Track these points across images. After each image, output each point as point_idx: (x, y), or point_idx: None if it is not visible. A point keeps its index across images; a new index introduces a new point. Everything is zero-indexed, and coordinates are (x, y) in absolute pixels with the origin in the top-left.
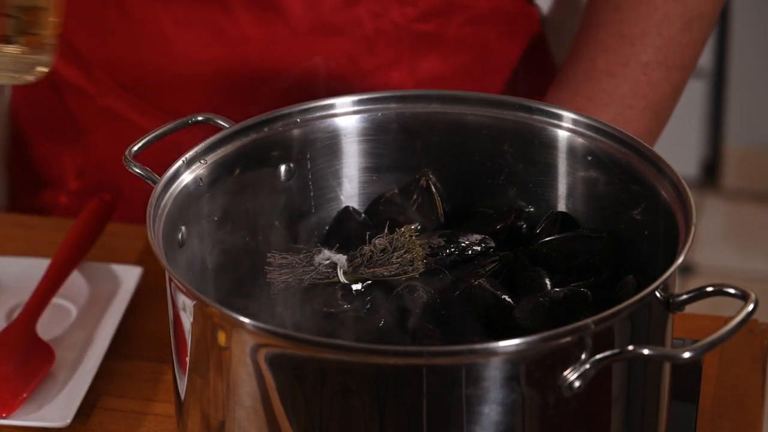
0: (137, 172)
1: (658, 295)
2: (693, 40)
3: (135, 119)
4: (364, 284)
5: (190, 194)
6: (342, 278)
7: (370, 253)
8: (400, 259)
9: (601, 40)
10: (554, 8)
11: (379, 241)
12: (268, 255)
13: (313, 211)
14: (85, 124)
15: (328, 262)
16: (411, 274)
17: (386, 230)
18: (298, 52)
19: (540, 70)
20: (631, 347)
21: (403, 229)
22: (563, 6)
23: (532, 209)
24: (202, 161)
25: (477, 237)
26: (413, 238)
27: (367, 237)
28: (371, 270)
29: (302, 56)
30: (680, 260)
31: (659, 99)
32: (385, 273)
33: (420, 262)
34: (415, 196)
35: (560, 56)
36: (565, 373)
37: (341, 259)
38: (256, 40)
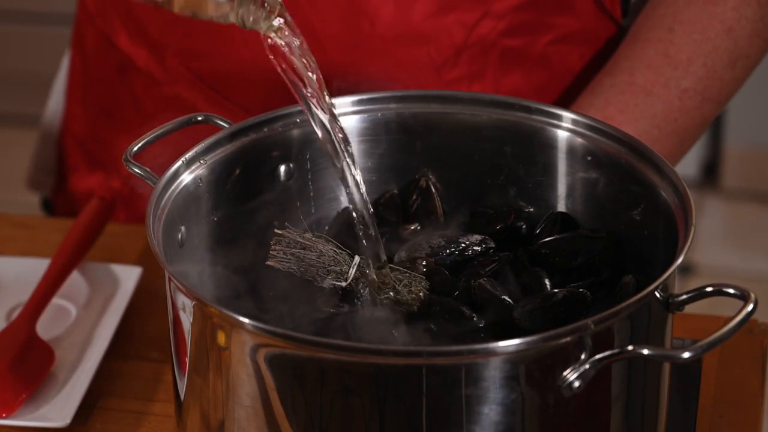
0: (137, 172)
1: (657, 295)
2: (734, 78)
3: (203, 109)
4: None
5: (189, 194)
6: (348, 279)
7: (378, 281)
8: (399, 297)
9: (647, 56)
10: None
11: (394, 275)
12: (276, 231)
13: (312, 211)
14: (149, 109)
15: (337, 266)
16: (405, 306)
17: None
18: (380, 57)
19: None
20: (630, 347)
21: (416, 287)
22: None
23: (531, 209)
24: (201, 161)
25: (477, 237)
26: (421, 296)
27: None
28: (370, 290)
29: (384, 61)
30: (680, 260)
31: (688, 126)
32: (383, 297)
33: (416, 300)
34: (414, 197)
35: None
36: (565, 373)
37: (355, 261)
38: (339, 41)
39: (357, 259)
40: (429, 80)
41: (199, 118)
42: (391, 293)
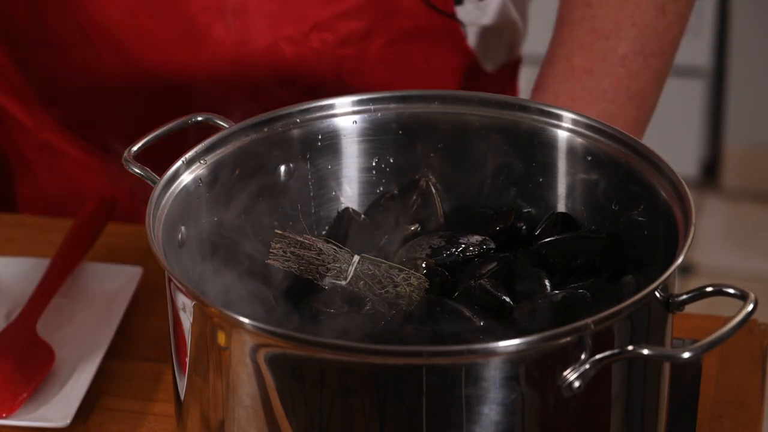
0: (137, 173)
1: (657, 295)
2: (669, 24)
3: (72, 154)
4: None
5: (189, 194)
6: (348, 276)
7: (378, 275)
8: (399, 290)
9: (576, 37)
10: (482, 15)
11: (394, 275)
12: (277, 231)
13: (312, 211)
14: (29, 156)
15: (337, 263)
16: (402, 308)
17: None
18: (218, 78)
19: (472, 81)
20: (630, 347)
21: (415, 281)
22: (491, 12)
23: (531, 210)
24: (201, 161)
25: (477, 238)
26: (421, 288)
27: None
28: (371, 285)
29: (226, 83)
30: (680, 260)
31: (642, 88)
32: (382, 293)
33: (413, 300)
34: (414, 197)
35: (494, 62)
36: (565, 373)
37: (354, 259)
38: (182, 70)
39: (356, 258)
40: (272, 100)
41: (199, 119)
42: (391, 288)
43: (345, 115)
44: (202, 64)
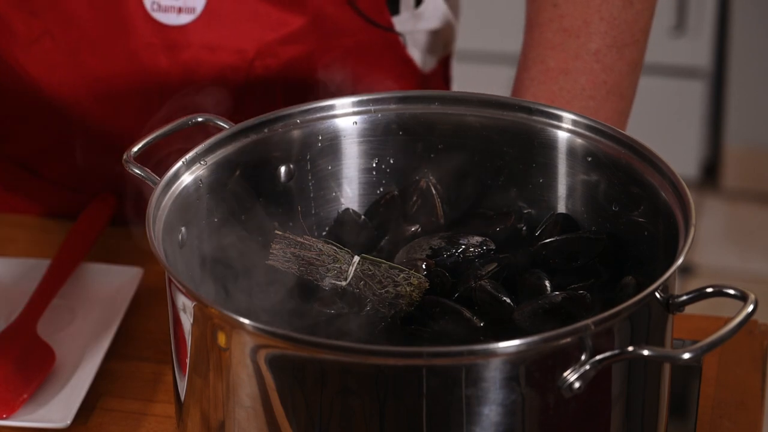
0: (137, 173)
1: (657, 295)
2: (637, 13)
3: (21, 189)
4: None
5: (190, 195)
6: (348, 277)
7: (378, 275)
8: (399, 290)
9: (547, 39)
10: (420, 23)
11: (392, 274)
12: (277, 232)
13: (313, 212)
14: None
15: (337, 263)
16: (402, 308)
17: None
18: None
19: (412, 86)
20: (630, 348)
21: (415, 281)
22: (428, 17)
23: (532, 211)
24: (202, 162)
25: (477, 239)
26: (421, 287)
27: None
28: (371, 285)
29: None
30: (680, 261)
31: (619, 80)
32: (383, 293)
33: (413, 300)
34: (415, 198)
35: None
36: (565, 374)
37: (355, 260)
38: (131, 104)
39: (356, 258)
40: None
41: (199, 119)
42: (391, 288)
43: (345, 116)
44: (153, 96)
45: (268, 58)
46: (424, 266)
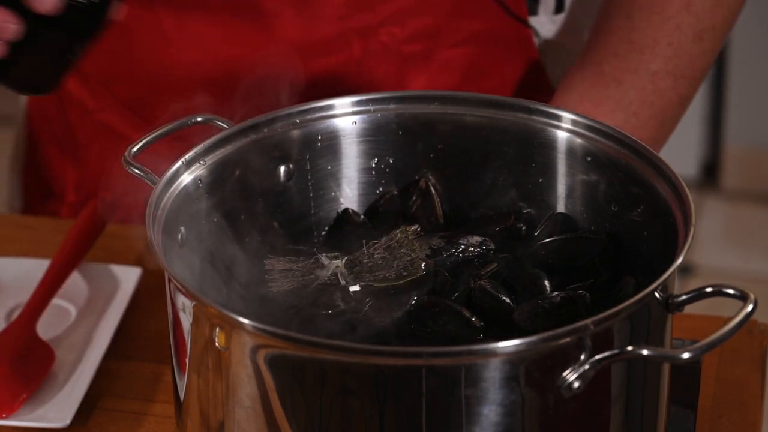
0: (136, 173)
1: (657, 295)
2: (703, 51)
3: (130, 135)
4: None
5: (189, 195)
6: (344, 283)
7: (370, 261)
8: (399, 263)
9: (611, 45)
10: (553, 30)
11: (378, 249)
12: (266, 262)
13: (312, 212)
14: (82, 138)
15: (329, 274)
16: (412, 276)
17: (384, 237)
18: (285, 68)
19: (536, 92)
20: (630, 348)
21: (398, 231)
22: (562, 27)
23: (531, 210)
24: (201, 162)
25: (477, 239)
26: (410, 237)
27: (364, 244)
28: (373, 275)
29: (290, 71)
30: (679, 261)
31: (665, 108)
32: (387, 275)
33: (419, 262)
34: (414, 198)
35: (557, 78)
36: (565, 373)
37: (341, 267)
38: (247, 57)
39: (341, 266)
40: (334, 90)
41: (199, 119)
42: (388, 255)
43: (345, 116)
44: (273, 52)
45: (395, 26)
46: (423, 266)
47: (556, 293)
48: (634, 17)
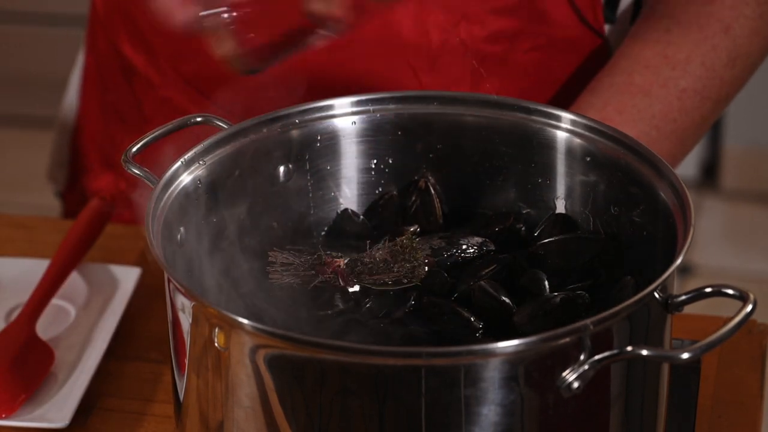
0: (136, 173)
1: (656, 295)
2: (734, 77)
3: (192, 111)
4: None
5: (188, 195)
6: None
7: (371, 264)
8: (401, 268)
9: (645, 56)
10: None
11: (380, 252)
12: (270, 253)
13: (311, 212)
14: (149, 112)
15: (330, 272)
16: (412, 283)
17: (387, 240)
18: (361, 60)
19: None
20: (629, 348)
21: (404, 238)
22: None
23: (530, 211)
24: (200, 162)
25: (477, 239)
26: (414, 245)
27: (368, 245)
28: (373, 277)
29: (365, 65)
30: (679, 261)
31: (687, 126)
32: (387, 280)
33: (422, 269)
34: (413, 198)
35: None
36: (564, 374)
37: (342, 266)
38: (328, 47)
39: (341, 262)
40: (407, 85)
41: (198, 119)
42: (389, 257)
43: (344, 116)
44: (347, 43)
45: (475, 25)
46: (425, 269)
47: (556, 294)
48: (672, 32)
